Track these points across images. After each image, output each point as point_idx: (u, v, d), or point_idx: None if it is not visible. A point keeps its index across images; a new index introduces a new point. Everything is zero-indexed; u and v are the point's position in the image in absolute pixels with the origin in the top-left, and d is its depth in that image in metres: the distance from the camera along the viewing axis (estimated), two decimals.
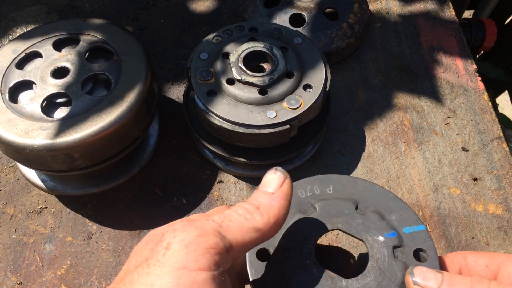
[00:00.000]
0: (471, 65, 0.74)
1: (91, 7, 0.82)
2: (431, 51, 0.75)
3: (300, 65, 0.56)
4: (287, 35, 0.59)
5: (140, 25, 0.80)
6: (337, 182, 0.46)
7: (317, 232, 0.42)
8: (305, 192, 0.46)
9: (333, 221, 0.43)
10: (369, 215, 0.44)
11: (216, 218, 0.35)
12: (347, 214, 0.44)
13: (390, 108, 0.69)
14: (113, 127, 0.52)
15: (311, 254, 0.41)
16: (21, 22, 0.80)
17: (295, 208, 0.44)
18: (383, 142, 0.66)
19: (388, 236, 0.42)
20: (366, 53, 0.75)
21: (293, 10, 0.72)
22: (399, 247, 0.42)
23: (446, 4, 0.81)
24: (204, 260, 0.32)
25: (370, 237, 0.42)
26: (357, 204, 0.45)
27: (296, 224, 0.43)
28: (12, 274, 0.56)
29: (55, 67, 0.56)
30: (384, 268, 0.40)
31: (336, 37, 0.71)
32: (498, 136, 0.66)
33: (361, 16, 0.73)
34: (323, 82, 0.55)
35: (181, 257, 0.32)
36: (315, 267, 0.40)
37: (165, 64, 0.75)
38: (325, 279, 0.40)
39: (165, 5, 0.82)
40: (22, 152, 0.50)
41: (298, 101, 0.53)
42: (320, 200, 0.45)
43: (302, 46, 0.58)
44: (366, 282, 0.40)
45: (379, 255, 0.41)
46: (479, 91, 0.71)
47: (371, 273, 0.40)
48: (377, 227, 0.43)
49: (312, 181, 0.46)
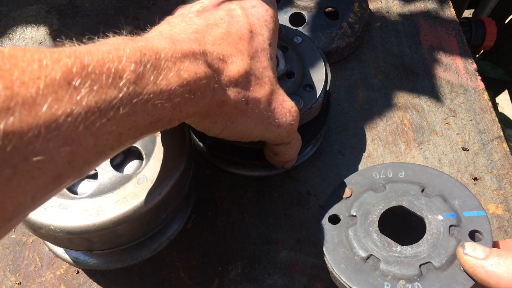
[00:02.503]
0: (471, 64, 0.74)
1: (91, 6, 0.82)
2: (431, 51, 0.75)
3: (300, 64, 0.56)
4: (287, 34, 0.59)
5: (140, 25, 0.79)
6: (408, 168, 0.52)
7: (383, 206, 0.49)
8: (379, 174, 0.53)
9: (398, 199, 0.49)
10: (433, 198, 0.49)
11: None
12: (412, 195, 0.49)
13: (390, 108, 0.69)
14: (138, 212, 0.45)
15: (374, 223, 0.48)
16: (21, 22, 0.80)
17: (367, 186, 0.51)
18: (383, 141, 0.66)
19: (447, 216, 0.47)
20: (366, 52, 0.75)
21: (293, 9, 0.72)
22: (456, 226, 0.46)
23: (446, 4, 0.81)
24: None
25: (430, 215, 0.47)
26: (424, 188, 0.50)
27: (366, 198, 0.50)
28: (11, 274, 0.56)
29: None
30: (438, 241, 0.45)
31: (336, 36, 0.71)
32: (498, 135, 0.66)
33: (361, 15, 0.73)
34: (324, 81, 0.55)
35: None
36: (375, 233, 0.47)
37: None
38: (382, 243, 0.46)
39: (165, 5, 0.82)
40: (37, 230, 0.45)
41: (298, 101, 0.53)
42: (390, 182, 0.51)
43: (302, 45, 0.58)
44: (419, 250, 0.45)
45: (435, 230, 0.46)
46: (479, 91, 0.71)
47: (425, 244, 0.46)
48: (438, 208, 0.48)
49: (386, 166, 0.53)
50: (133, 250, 0.53)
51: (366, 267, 0.45)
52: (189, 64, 0.35)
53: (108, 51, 0.30)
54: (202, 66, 0.37)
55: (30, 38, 0.78)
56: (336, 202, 0.51)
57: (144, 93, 0.32)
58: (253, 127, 0.43)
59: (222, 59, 0.40)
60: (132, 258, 0.53)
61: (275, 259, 0.56)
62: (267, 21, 0.46)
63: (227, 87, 0.40)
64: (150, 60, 0.33)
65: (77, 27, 0.79)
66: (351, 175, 0.54)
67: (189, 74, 0.35)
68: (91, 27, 0.79)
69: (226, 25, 0.42)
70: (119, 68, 0.30)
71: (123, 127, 0.31)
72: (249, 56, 0.42)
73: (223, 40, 0.41)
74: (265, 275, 0.55)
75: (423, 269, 0.44)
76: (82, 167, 0.29)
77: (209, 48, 0.40)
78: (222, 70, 0.40)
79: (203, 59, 0.38)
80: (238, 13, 0.44)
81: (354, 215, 0.49)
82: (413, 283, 0.43)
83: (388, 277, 0.44)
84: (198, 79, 0.36)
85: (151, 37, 0.38)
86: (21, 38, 0.78)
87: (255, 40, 0.44)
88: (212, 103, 0.39)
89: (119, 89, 0.30)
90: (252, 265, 0.56)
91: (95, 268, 0.54)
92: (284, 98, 0.46)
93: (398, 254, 0.45)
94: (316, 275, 0.55)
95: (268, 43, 0.45)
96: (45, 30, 0.79)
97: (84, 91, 0.28)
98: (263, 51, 0.44)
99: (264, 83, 0.43)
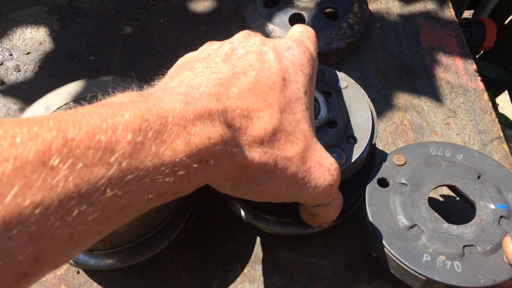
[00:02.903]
0: (471, 65, 0.74)
1: (91, 7, 0.82)
2: (431, 51, 0.75)
3: (344, 113, 0.50)
4: (331, 78, 0.54)
5: (140, 25, 0.80)
6: (468, 153, 0.52)
7: (436, 182, 0.48)
8: (436, 151, 0.52)
9: (453, 179, 0.49)
10: (487, 186, 0.48)
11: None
12: (468, 178, 0.49)
13: (390, 108, 0.69)
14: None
15: (424, 195, 0.47)
16: (21, 22, 0.80)
17: (422, 159, 0.51)
18: (383, 142, 0.66)
19: (499, 207, 0.46)
20: (366, 53, 0.75)
21: (293, 10, 0.72)
22: (506, 218, 0.46)
23: (446, 4, 0.81)
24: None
25: (482, 202, 0.47)
26: (480, 175, 0.49)
27: (419, 170, 0.49)
28: None
29: None
30: (486, 228, 0.45)
31: (336, 37, 0.71)
32: (498, 136, 0.66)
33: (361, 16, 0.73)
34: (370, 134, 0.49)
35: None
36: (424, 206, 0.46)
37: (165, 64, 0.75)
38: (430, 217, 0.46)
39: (164, 5, 0.82)
40: None
41: (340, 155, 0.47)
42: (447, 161, 0.50)
43: (347, 91, 0.53)
44: (465, 232, 0.45)
45: (485, 217, 0.46)
46: (479, 91, 0.71)
47: (473, 227, 0.45)
48: (491, 197, 0.47)
49: (445, 145, 0.52)
50: (134, 250, 0.53)
51: (408, 235, 0.45)
52: (202, 128, 0.30)
53: (103, 118, 0.26)
54: (219, 128, 0.32)
55: (30, 39, 0.78)
56: (387, 167, 0.51)
57: (141, 168, 0.26)
58: (285, 188, 0.38)
59: (247, 115, 0.35)
60: (132, 258, 0.53)
61: (275, 259, 0.56)
62: (303, 65, 0.41)
63: (251, 147, 0.35)
64: (153, 126, 0.28)
65: (77, 27, 0.79)
66: (407, 145, 0.53)
67: (201, 140, 0.30)
68: (91, 28, 0.79)
69: (256, 73, 0.38)
70: (112, 139, 0.25)
71: (111, 210, 0.26)
72: (280, 109, 0.37)
73: (250, 92, 0.37)
74: (265, 275, 0.55)
75: (466, 250, 0.44)
76: (56, 260, 0.24)
77: (231, 103, 0.35)
78: (245, 129, 0.35)
79: (221, 118, 0.33)
80: (270, 57, 0.40)
81: (405, 183, 0.48)
82: (453, 261, 0.43)
83: (429, 249, 0.44)
84: (212, 145, 0.31)
85: (163, 92, 0.32)
86: (21, 39, 0.78)
87: (288, 88, 0.39)
88: (230, 167, 0.33)
89: (108, 166, 0.25)
90: (252, 265, 0.56)
91: (95, 268, 0.54)
92: (322, 154, 0.40)
93: (444, 230, 0.45)
94: (316, 275, 0.55)
95: (303, 91, 0.40)
96: (45, 31, 0.79)
97: (63, 172, 0.23)
98: (297, 101, 0.39)
99: (297, 139, 0.38)
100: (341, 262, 0.55)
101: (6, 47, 0.77)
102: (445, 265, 0.43)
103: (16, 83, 0.73)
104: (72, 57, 0.76)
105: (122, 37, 0.78)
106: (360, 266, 0.55)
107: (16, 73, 0.74)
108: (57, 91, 0.58)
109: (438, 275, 0.42)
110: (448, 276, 0.42)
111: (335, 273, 0.55)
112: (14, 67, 0.74)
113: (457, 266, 0.43)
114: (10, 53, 0.76)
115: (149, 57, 0.76)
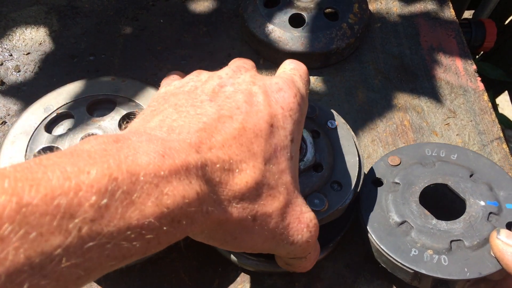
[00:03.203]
0: (471, 65, 0.74)
1: (91, 7, 0.82)
2: (431, 52, 0.75)
3: (331, 155, 0.48)
4: (321, 116, 0.51)
5: (140, 25, 0.80)
6: (462, 152, 0.53)
7: (428, 180, 0.50)
8: (431, 151, 0.53)
9: (445, 177, 0.50)
10: (479, 184, 0.49)
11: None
12: (460, 177, 0.50)
13: (390, 109, 0.69)
14: None
15: (415, 193, 0.49)
16: (21, 23, 0.80)
17: (417, 160, 0.52)
18: (383, 142, 0.66)
19: (489, 204, 0.48)
20: (366, 53, 0.75)
21: (293, 10, 0.72)
22: (495, 214, 0.47)
23: (446, 5, 0.81)
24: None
25: (472, 199, 0.48)
26: (473, 174, 0.51)
27: (413, 170, 0.51)
28: None
29: (85, 134, 0.53)
30: (475, 224, 0.46)
31: (336, 37, 0.71)
32: (498, 136, 0.66)
33: (361, 16, 0.73)
34: (355, 180, 0.47)
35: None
36: (414, 203, 0.48)
37: (165, 64, 0.75)
38: (419, 213, 0.48)
39: (164, 5, 0.82)
40: None
41: (323, 201, 0.44)
42: (441, 161, 0.52)
43: (336, 132, 0.50)
44: (453, 227, 0.47)
45: (474, 213, 0.47)
46: (479, 92, 0.71)
47: (461, 223, 0.47)
48: (482, 194, 0.48)
49: (441, 146, 0.54)
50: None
51: (397, 231, 0.47)
52: (177, 185, 0.28)
53: (66, 176, 0.23)
54: (195, 185, 0.29)
55: (30, 39, 0.78)
56: (382, 167, 0.53)
57: (104, 233, 0.24)
58: (261, 243, 0.36)
59: (228, 168, 0.32)
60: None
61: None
62: (292, 110, 0.38)
63: (230, 203, 0.32)
64: (121, 186, 0.25)
65: (77, 27, 0.79)
66: (403, 146, 0.55)
67: (174, 200, 0.27)
68: (91, 28, 0.79)
69: (243, 118, 0.35)
70: (73, 202, 0.23)
71: (68, 280, 0.23)
72: (264, 160, 0.35)
73: (234, 140, 0.34)
74: (265, 275, 0.55)
75: (453, 245, 0.46)
76: None
77: (213, 155, 0.32)
78: (225, 184, 0.32)
79: (200, 173, 0.30)
80: (259, 99, 0.37)
81: (398, 183, 0.51)
82: (440, 255, 0.45)
83: (417, 244, 0.46)
84: (186, 205, 0.28)
85: (140, 138, 0.29)
86: (20, 39, 0.78)
87: (275, 136, 0.36)
88: (205, 224, 0.31)
89: (66, 233, 0.22)
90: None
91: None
92: (302, 208, 0.38)
93: (432, 226, 0.47)
94: (316, 275, 0.55)
95: (290, 139, 0.37)
96: (44, 31, 0.79)
97: (14, 244, 0.20)
98: (283, 149, 0.36)
99: (279, 193, 0.36)
100: (341, 262, 0.55)
101: (6, 47, 0.77)
102: (432, 259, 0.45)
103: (16, 84, 0.73)
104: (72, 57, 0.76)
105: (122, 37, 0.78)
106: (360, 266, 0.55)
107: (16, 73, 0.74)
108: (57, 91, 0.58)
109: (425, 269, 0.44)
110: (434, 269, 0.44)
111: (335, 273, 0.55)
112: (14, 67, 0.74)
113: (444, 260, 0.45)
114: (10, 53, 0.76)
115: (149, 57, 0.76)
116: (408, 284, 0.47)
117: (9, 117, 0.68)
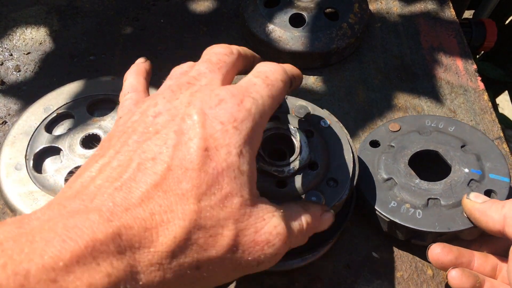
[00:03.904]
0: (471, 65, 0.74)
1: (91, 7, 0.82)
2: (431, 51, 0.75)
3: (326, 154, 0.49)
4: (315, 116, 0.52)
5: (140, 25, 0.80)
6: (460, 126, 0.58)
7: (421, 146, 0.55)
8: (431, 122, 0.58)
9: (437, 145, 0.55)
10: (468, 154, 0.53)
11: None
12: (451, 146, 0.54)
13: (390, 108, 0.69)
14: None
15: (406, 156, 0.54)
16: (21, 23, 0.80)
17: (416, 128, 0.58)
18: None
19: (473, 171, 0.52)
20: (366, 53, 0.75)
21: (293, 10, 0.72)
22: (477, 181, 0.51)
23: (446, 4, 0.81)
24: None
25: (458, 166, 0.53)
26: (465, 145, 0.55)
27: (409, 136, 0.56)
28: None
29: (86, 134, 0.52)
30: (454, 187, 0.51)
31: (336, 37, 0.71)
32: (498, 136, 0.66)
33: (361, 16, 0.73)
34: (350, 176, 0.48)
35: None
36: (403, 164, 0.54)
37: (165, 64, 0.75)
38: (405, 173, 0.53)
39: (165, 5, 0.82)
40: None
41: (319, 198, 0.45)
42: (438, 131, 0.57)
43: (330, 130, 0.51)
44: (434, 187, 0.51)
45: (456, 178, 0.52)
46: (479, 91, 0.71)
47: (442, 184, 0.52)
48: (468, 163, 0.53)
49: (440, 119, 0.59)
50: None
51: (383, 186, 0.53)
52: (80, 274, 0.24)
53: None
54: (106, 266, 0.25)
55: (30, 39, 0.78)
56: (382, 132, 0.59)
57: None
58: (223, 278, 0.33)
59: (150, 226, 0.28)
60: None
61: None
62: (237, 120, 0.32)
63: (160, 266, 0.28)
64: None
65: (77, 27, 0.79)
66: (406, 115, 0.61)
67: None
68: (91, 28, 0.79)
69: (168, 156, 0.30)
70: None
71: None
72: (197, 197, 0.30)
73: (157, 189, 0.29)
74: (264, 275, 0.55)
75: (430, 202, 0.50)
76: None
77: (129, 218, 0.27)
78: (148, 247, 0.27)
79: (112, 247, 0.26)
80: (193, 120, 0.32)
81: (392, 146, 0.56)
82: (416, 209, 0.50)
83: (397, 198, 0.52)
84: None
85: (42, 224, 0.26)
86: (21, 39, 0.78)
87: (213, 159, 0.31)
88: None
89: None
90: None
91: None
92: (257, 226, 0.33)
93: (415, 185, 0.52)
94: (316, 275, 0.55)
95: (236, 153, 0.32)
96: (45, 31, 0.79)
97: None
98: (226, 169, 0.31)
99: (222, 227, 0.31)
100: (341, 262, 0.55)
101: (6, 47, 0.77)
102: (408, 211, 0.50)
103: (16, 83, 0.73)
104: (72, 57, 0.76)
105: (122, 37, 0.78)
106: (360, 266, 0.55)
107: (16, 73, 0.74)
108: (57, 91, 0.58)
109: (400, 219, 0.50)
110: (408, 220, 0.49)
111: (335, 273, 0.55)
112: (14, 67, 0.74)
113: (419, 213, 0.50)
114: (10, 53, 0.76)
115: (149, 57, 0.76)
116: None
117: (10, 117, 0.68)
